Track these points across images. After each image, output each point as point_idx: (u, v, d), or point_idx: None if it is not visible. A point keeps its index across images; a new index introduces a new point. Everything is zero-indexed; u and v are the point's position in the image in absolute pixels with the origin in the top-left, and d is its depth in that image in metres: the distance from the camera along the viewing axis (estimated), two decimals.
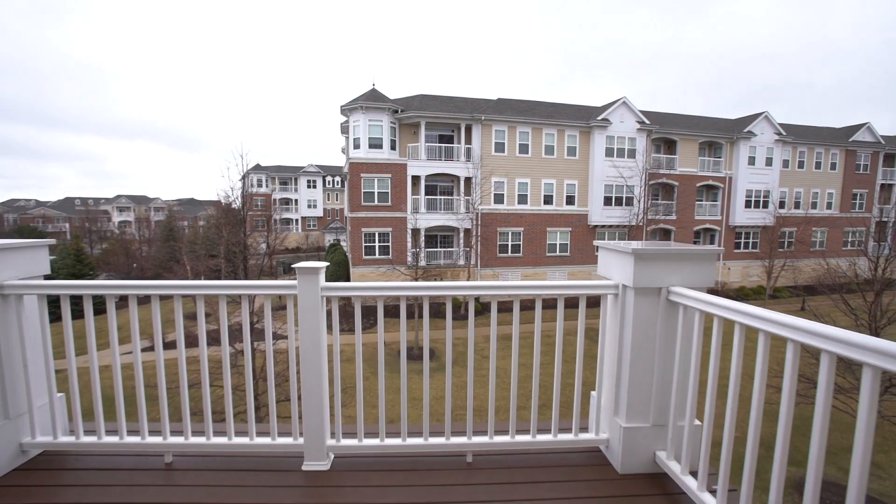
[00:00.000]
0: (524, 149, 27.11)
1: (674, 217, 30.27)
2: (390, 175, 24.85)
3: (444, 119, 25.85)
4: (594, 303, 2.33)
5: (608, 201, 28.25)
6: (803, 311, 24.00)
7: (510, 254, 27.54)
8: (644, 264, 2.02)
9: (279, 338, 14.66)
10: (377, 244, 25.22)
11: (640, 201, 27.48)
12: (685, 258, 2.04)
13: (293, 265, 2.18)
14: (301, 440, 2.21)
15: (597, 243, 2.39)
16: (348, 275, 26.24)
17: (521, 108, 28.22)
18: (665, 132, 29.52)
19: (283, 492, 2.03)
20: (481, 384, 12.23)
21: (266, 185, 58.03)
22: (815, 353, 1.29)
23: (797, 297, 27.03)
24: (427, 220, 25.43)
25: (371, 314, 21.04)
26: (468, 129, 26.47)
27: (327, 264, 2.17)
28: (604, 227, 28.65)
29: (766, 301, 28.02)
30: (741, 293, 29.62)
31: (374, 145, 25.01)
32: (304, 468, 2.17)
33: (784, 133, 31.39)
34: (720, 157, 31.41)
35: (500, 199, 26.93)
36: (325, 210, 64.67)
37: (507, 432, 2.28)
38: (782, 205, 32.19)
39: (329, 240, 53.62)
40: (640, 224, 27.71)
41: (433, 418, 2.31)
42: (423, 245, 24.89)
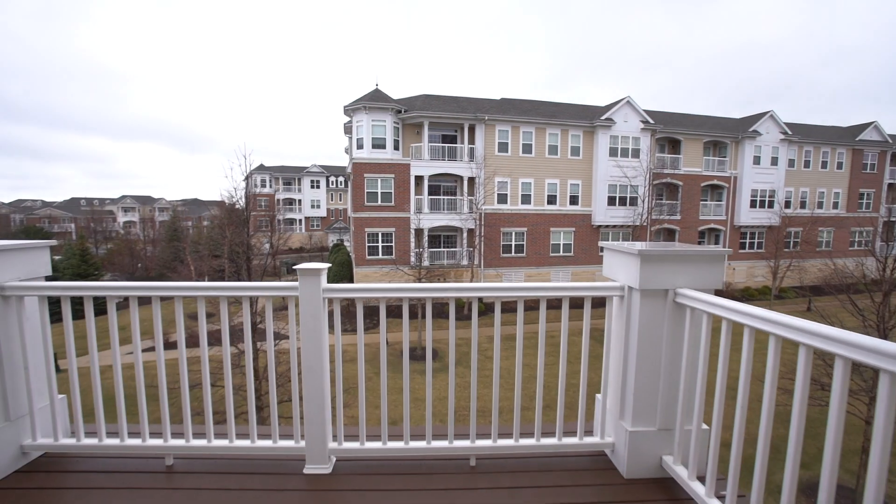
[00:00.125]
0: (527, 149, 27.05)
1: (678, 217, 30.12)
2: (393, 175, 24.87)
3: (447, 119, 25.83)
4: (599, 303, 2.30)
5: (612, 201, 28.14)
6: (809, 311, 23.80)
7: (513, 254, 27.49)
8: (650, 265, 1.98)
9: (281, 337, 14.68)
10: (380, 244, 25.24)
11: (644, 201, 27.36)
12: (692, 259, 2.00)
13: (294, 266, 2.16)
14: (303, 443, 2.19)
15: (602, 244, 2.37)
16: (352, 275, 26.27)
17: (525, 107, 28.16)
18: (669, 132, 29.37)
19: (284, 495, 2.01)
20: (485, 384, 12.22)
21: (269, 186, 58.34)
22: (821, 354, 1.24)
23: (803, 297, 26.79)
24: (430, 221, 25.43)
25: (374, 314, 21.05)
26: (471, 129, 26.45)
27: (329, 266, 2.14)
28: (607, 227, 28.54)
29: (771, 301, 27.83)
30: (746, 293, 29.43)
31: (378, 145, 25.04)
32: (305, 471, 2.16)
33: (790, 132, 31.14)
34: (725, 157, 31.20)
35: (503, 199, 26.90)
36: (328, 210, 64.92)
37: (510, 435, 2.26)
38: (788, 204, 31.95)
39: (332, 240, 53.73)
40: (644, 224, 27.59)
41: (436, 419, 2.29)
42: (426, 245, 24.90)
